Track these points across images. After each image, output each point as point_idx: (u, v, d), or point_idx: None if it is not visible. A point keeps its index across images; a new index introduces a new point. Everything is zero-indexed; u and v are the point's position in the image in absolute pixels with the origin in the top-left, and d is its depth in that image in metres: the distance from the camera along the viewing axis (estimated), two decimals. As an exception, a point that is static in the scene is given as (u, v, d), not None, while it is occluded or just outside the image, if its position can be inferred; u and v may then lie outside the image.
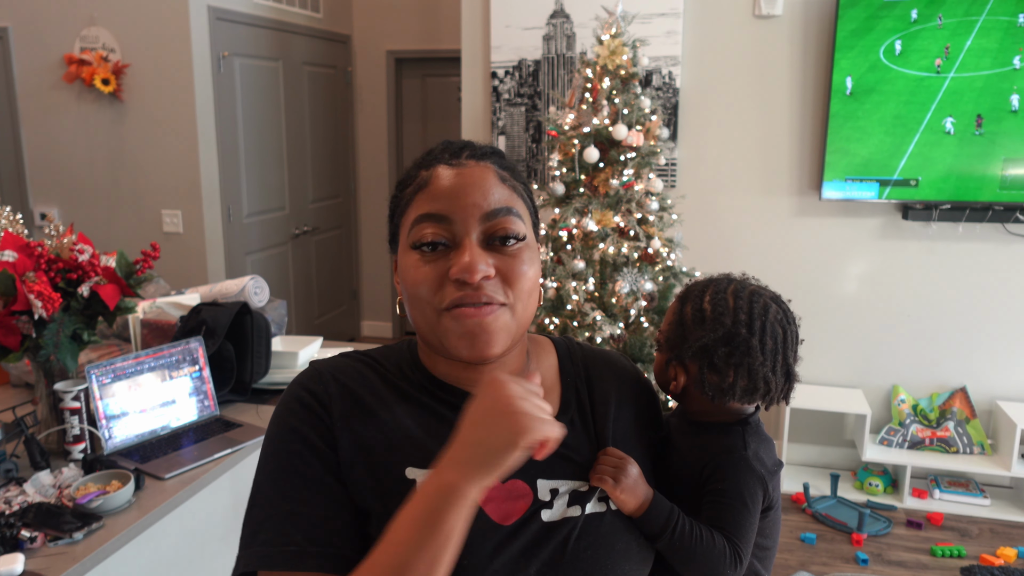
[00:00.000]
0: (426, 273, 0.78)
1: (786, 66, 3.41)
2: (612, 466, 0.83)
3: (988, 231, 3.35)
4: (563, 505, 0.81)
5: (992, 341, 3.43)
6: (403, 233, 0.82)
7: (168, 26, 3.66)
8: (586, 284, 2.96)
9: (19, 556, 1.36)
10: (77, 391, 1.75)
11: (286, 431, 0.81)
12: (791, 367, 0.94)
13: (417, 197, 0.81)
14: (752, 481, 0.90)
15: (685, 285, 1.00)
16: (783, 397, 0.95)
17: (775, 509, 0.95)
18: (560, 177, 3.05)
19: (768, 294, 0.95)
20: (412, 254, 0.80)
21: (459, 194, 0.79)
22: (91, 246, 1.78)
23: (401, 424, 0.82)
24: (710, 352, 0.91)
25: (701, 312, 0.93)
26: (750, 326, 0.91)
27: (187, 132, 3.75)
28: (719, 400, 0.93)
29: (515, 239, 0.80)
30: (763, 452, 0.94)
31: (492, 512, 0.79)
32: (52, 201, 3.99)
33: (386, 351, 0.91)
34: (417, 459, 0.79)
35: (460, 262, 0.76)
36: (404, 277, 0.81)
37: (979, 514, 3.29)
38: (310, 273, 4.94)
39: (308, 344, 2.40)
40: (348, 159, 5.28)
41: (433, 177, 0.81)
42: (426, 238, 0.79)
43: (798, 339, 0.95)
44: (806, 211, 3.50)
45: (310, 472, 0.78)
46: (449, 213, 0.79)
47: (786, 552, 3.01)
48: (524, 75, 3.66)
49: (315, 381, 0.83)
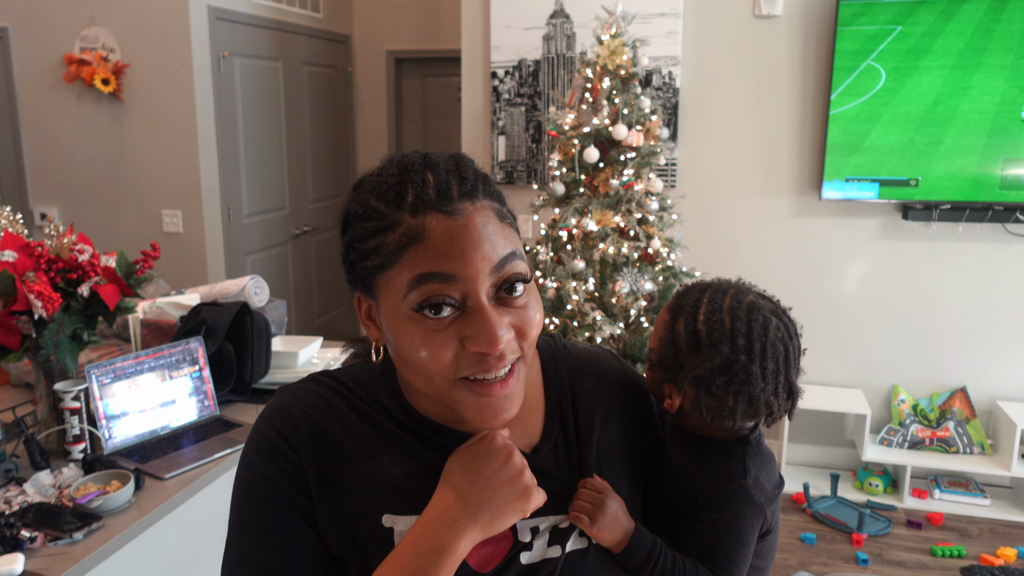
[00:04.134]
0: (437, 343, 0.69)
1: (786, 66, 3.41)
2: (590, 501, 0.79)
3: (988, 231, 3.34)
4: (543, 545, 0.78)
5: (992, 341, 3.43)
6: (390, 289, 0.71)
7: (168, 26, 3.66)
8: (586, 284, 2.96)
9: (19, 556, 1.36)
10: (77, 391, 1.75)
11: (256, 475, 0.77)
12: (793, 384, 0.87)
13: (409, 251, 0.69)
14: (750, 513, 0.85)
15: (676, 292, 0.93)
16: (786, 414, 0.89)
17: (773, 532, 0.91)
18: (560, 177, 3.05)
19: (767, 306, 0.87)
20: (411, 318, 0.70)
21: (466, 250, 0.68)
22: (91, 246, 1.78)
23: (378, 467, 0.76)
24: (707, 381, 0.85)
25: (696, 335, 0.86)
26: (749, 351, 0.84)
27: (187, 132, 3.75)
28: (717, 422, 0.87)
29: (523, 282, 0.72)
30: (764, 476, 0.88)
31: (470, 559, 0.75)
32: (52, 201, 3.99)
33: (357, 374, 0.83)
34: (395, 506, 0.76)
35: (481, 335, 0.68)
36: (404, 343, 0.71)
37: (979, 514, 3.29)
38: (310, 273, 4.94)
39: (308, 344, 2.40)
40: (348, 159, 5.28)
41: (428, 230, 0.69)
42: (434, 300, 0.68)
43: (800, 352, 0.88)
44: (806, 211, 3.50)
45: (281, 520, 0.75)
46: (456, 272, 0.68)
47: (786, 552, 3.01)
48: (524, 75, 3.66)
49: (284, 420, 0.78)
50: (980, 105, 3.15)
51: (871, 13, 3.19)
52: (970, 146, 3.18)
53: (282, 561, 0.75)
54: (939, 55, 3.16)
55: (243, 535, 0.77)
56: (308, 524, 0.76)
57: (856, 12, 3.20)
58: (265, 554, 0.75)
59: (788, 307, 0.91)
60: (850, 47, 3.23)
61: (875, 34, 3.20)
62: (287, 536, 0.75)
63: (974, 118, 3.16)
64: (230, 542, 0.78)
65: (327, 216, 5.08)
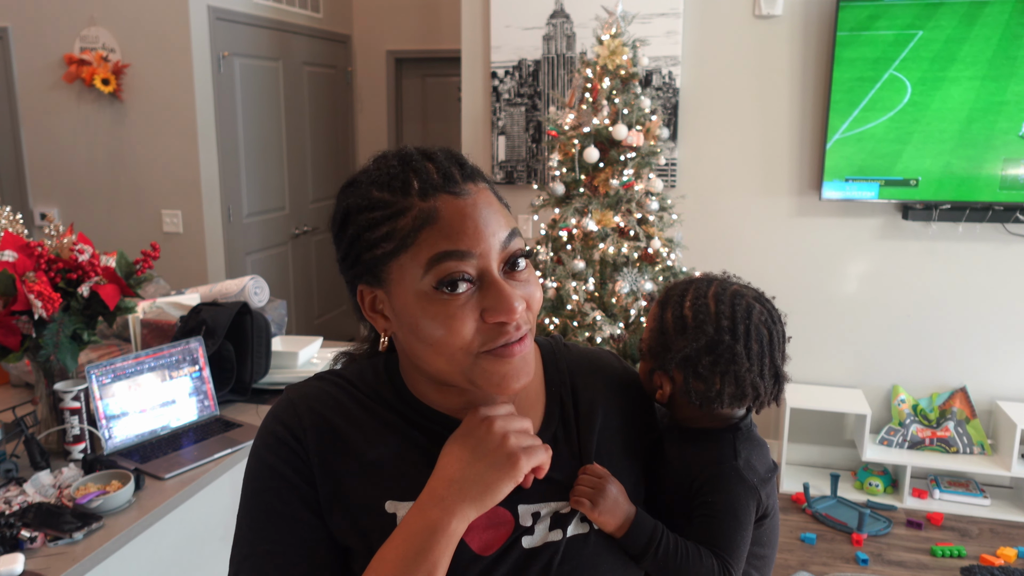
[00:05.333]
0: (458, 319, 0.72)
1: (786, 66, 3.41)
2: (591, 486, 0.81)
3: (988, 231, 3.34)
4: (544, 529, 0.79)
5: (992, 341, 3.43)
6: (405, 273, 0.74)
7: (168, 26, 3.66)
8: (586, 284, 2.96)
9: (19, 556, 1.36)
10: (77, 391, 1.75)
11: (263, 467, 0.79)
12: (779, 368, 0.91)
13: (424, 232, 0.72)
14: (743, 493, 0.87)
15: (664, 288, 0.96)
16: (773, 399, 0.92)
17: (772, 516, 0.92)
18: (560, 177, 3.05)
19: (751, 293, 0.92)
20: (430, 298, 0.72)
21: (479, 227, 0.73)
22: (91, 246, 1.78)
23: (380, 456, 0.79)
24: (694, 362, 0.88)
25: (682, 319, 0.90)
26: (733, 332, 0.88)
27: (187, 132, 3.75)
28: (707, 408, 0.90)
29: (524, 257, 0.76)
30: (755, 459, 0.91)
31: (472, 542, 0.77)
32: (52, 201, 3.99)
33: (359, 372, 0.86)
34: (397, 492, 0.78)
35: (500, 304, 0.71)
36: (423, 324, 0.73)
37: (979, 514, 3.29)
38: (310, 273, 4.94)
39: (308, 344, 2.40)
40: (348, 159, 5.28)
41: (440, 211, 0.72)
42: (453, 277, 0.71)
43: (785, 338, 0.92)
44: (806, 211, 3.50)
45: (287, 510, 0.77)
46: (471, 248, 0.72)
47: (786, 552, 3.01)
48: (524, 75, 3.66)
49: (290, 414, 0.80)
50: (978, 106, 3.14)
51: (887, 17, 3.15)
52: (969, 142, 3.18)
53: (288, 550, 0.76)
54: (966, 64, 3.11)
55: (251, 526, 0.78)
56: (314, 513, 0.77)
57: (872, 15, 3.16)
58: (271, 543, 0.77)
59: (772, 296, 0.95)
60: (870, 54, 3.19)
61: (895, 39, 3.16)
62: (293, 525, 0.77)
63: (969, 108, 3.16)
64: (238, 534, 0.80)
65: (327, 216, 5.05)
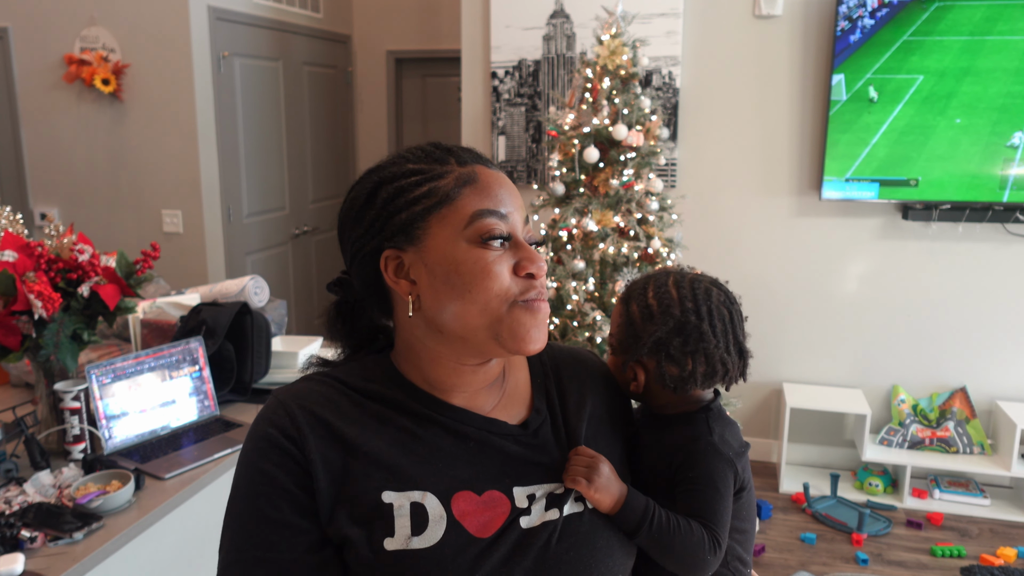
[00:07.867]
0: (498, 267, 0.78)
1: (786, 66, 3.41)
2: (584, 466, 0.84)
3: (988, 231, 3.34)
4: (541, 509, 0.81)
5: (992, 341, 3.43)
6: (446, 224, 0.79)
7: (168, 26, 3.65)
8: (586, 284, 2.96)
9: (19, 556, 1.36)
10: (77, 391, 1.75)
11: (254, 472, 0.79)
12: (742, 344, 0.96)
13: (467, 190, 0.80)
14: (721, 465, 0.92)
15: (625, 286, 1.02)
16: (740, 375, 0.98)
17: (748, 491, 0.97)
18: (560, 177, 3.05)
19: (707, 279, 0.98)
20: (472, 247, 0.78)
21: (511, 194, 0.82)
22: (91, 246, 1.78)
23: (375, 447, 0.80)
24: (665, 345, 0.93)
25: (648, 308, 0.95)
26: (698, 312, 0.93)
27: (187, 132, 3.75)
28: (681, 390, 0.94)
29: (535, 244, 0.84)
30: (728, 435, 0.95)
31: (470, 525, 0.78)
32: (52, 201, 3.99)
33: (350, 369, 0.88)
34: (393, 483, 0.79)
35: (531, 257, 0.80)
36: (464, 271, 0.78)
37: (979, 514, 3.29)
38: (310, 273, 4.94)
39: (308, 344, 2.40)
40: (348, 159, 5.28)
41: (479, 174, 0.81)
42: (496, 231, 0.79)
43: (742, 317, 0.98)
44: (806, 211, 3.50)
45: (277, 515, 0.77)
46: (508, 212, 0.81)
47: (786, 552, 3.01)
48: (524, 75, 3.66)
49: (280, 416, 0.81)
50: (979, 103, 3.14)
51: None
52: (969, 142, 3.18)
53: (278, 556, 0.76)
54: (939, 55, 3.14)
55: (239, 532, 0.79)
56: (305, 519, 0.78)
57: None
58: (261, 549, 0.77)
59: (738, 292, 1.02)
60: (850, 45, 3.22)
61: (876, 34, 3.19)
62: (283, 531, 0.77)
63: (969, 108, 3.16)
64: (225, 540, 0.80)
65: (327, 216, 5.08)
